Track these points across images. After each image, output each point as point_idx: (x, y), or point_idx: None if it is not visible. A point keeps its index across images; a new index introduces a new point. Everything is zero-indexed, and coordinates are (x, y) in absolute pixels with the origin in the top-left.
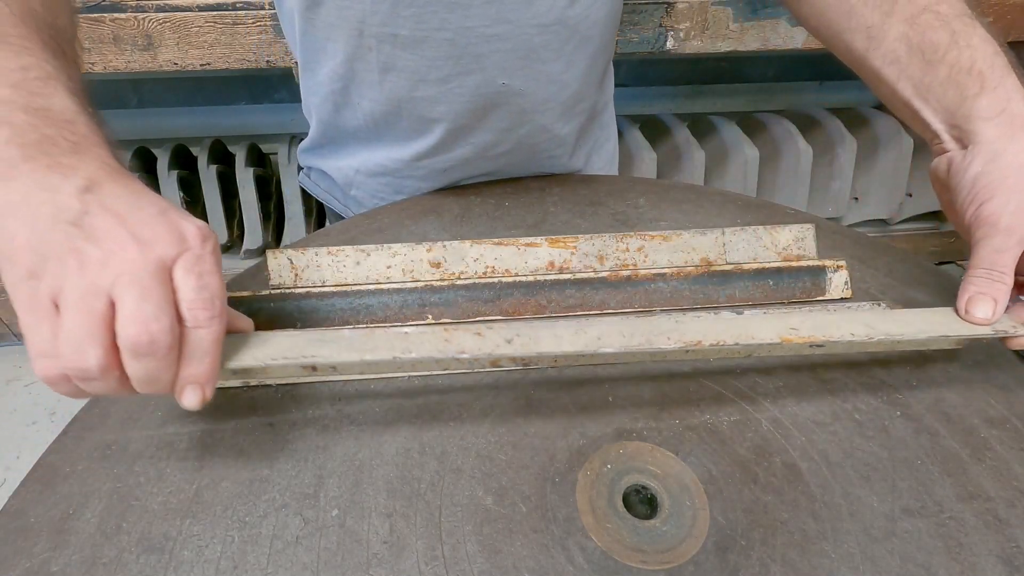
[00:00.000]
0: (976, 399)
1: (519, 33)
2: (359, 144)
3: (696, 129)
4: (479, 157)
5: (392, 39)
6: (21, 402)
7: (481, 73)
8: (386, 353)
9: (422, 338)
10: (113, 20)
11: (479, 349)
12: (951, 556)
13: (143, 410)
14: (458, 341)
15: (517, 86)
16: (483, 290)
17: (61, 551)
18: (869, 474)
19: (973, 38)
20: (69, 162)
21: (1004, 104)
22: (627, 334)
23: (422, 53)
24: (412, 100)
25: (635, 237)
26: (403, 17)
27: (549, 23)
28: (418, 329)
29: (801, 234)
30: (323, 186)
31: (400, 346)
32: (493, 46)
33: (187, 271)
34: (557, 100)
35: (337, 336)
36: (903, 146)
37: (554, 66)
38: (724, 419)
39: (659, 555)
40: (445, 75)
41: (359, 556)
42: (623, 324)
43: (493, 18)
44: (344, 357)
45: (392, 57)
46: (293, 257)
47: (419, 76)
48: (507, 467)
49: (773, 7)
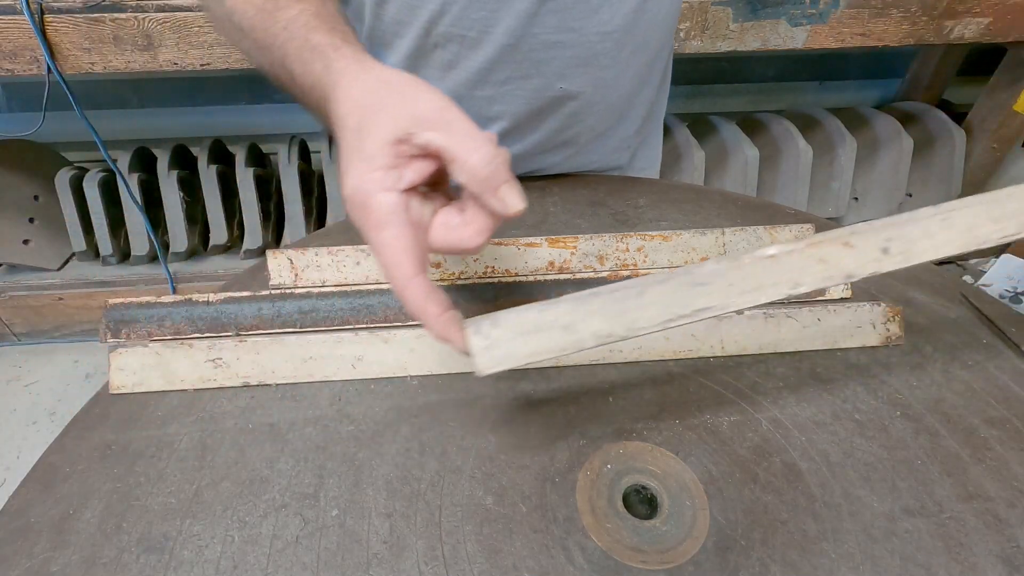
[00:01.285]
0: (976, 399)
1: (582, 40)
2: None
3: (696, 129)
4: (529, 155)
5: (459, 39)
6: (21, 402)
7: (540, 77)
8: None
9: (798, 264)
10: (113, 20)
11: (857, 267)
12: (951, 556)
13: (143, 410)
14: (835, 259)
15: (574, 90)
16: (483, 290)
17: (61, 551)
18: (869, 474)
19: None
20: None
21: None
22: (996, 218)
23: (485, 55)
24: (471, 98)
25: (635, 237)
26: (472, 20)
27: (611, 31)
28: (783, 250)
29: (801, 234)
30: None
31: (791, 278)
32: (555, 52)
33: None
34: (609, 102)
35: (711, 275)
36: (903, 146)
37: (611, 71)
38: (724, 419)
39: (659, 555)
40: (505, 77)
41: (359, 556)
42: (988, 207)
43: (557, 26)
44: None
45: (456, 56)
46: (293, 257)
47: (480, 76)
48: (507, 467)
49: (773, 7)
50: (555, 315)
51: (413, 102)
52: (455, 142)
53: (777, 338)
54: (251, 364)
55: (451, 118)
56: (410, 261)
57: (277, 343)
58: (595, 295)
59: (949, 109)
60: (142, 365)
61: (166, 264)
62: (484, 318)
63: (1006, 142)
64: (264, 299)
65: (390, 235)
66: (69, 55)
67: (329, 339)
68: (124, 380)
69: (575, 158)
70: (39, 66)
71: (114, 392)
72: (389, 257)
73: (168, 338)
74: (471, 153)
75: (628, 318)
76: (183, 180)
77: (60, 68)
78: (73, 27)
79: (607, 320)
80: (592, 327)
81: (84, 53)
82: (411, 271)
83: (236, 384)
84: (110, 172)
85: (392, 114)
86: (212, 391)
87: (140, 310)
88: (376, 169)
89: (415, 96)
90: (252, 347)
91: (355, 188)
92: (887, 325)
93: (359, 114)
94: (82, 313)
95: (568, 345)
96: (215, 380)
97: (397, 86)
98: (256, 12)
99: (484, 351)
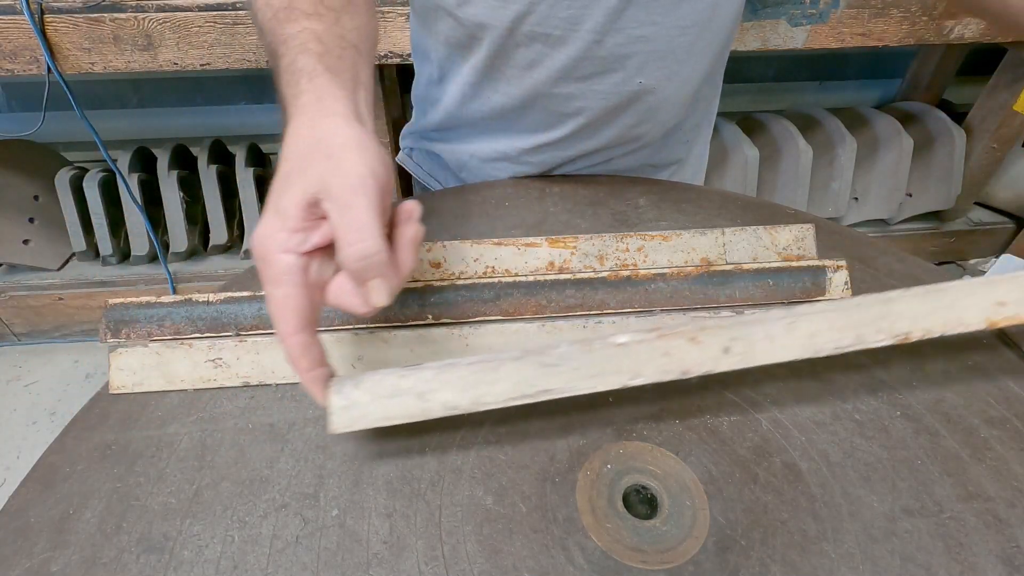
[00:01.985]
0: (976, 399)
1: (663, 34)
2: (479, 133)
3: None
4: (601, 150)
5: (543, 38)
6: (21, 402)
7: (622, 72)
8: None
9: (643, 355)
10: (113, 20)
11: (700, 365)
12: (951, 556)
13: (143, 410)
14: (679, 354)
15: (651, 84)
16: (483, 290)
17: (61, 551)
18: (869, 474)
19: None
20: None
21: None
22: (839, 327)
23: (569, 53)
24: (550, 96)
25: (635, 237)
26: (559, 18)
27: (689, 25)
28: (633, 339)
29: (801, 234)
30: (426, 167)
31: (629, 369)
32: (637, 47)
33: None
34: (681, 97)
35: (561, 357)
36: (903, 146)
37: (686, 65)
38: (724, 419)
39: (659, 555)
40: (588, 73)
41: (359, 556)
42: (834, 316)
43: (642, 20)
44: (580, 387)
45: (540, 55)
46: None
47: (563, 74)
48: (507, 467)
49: (773, 7)
50: (413, 382)
51: (333, 170)
52: (343, 226)
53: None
54: (251, 364)
55: (355, 202)
56: (294, 320)
57: (277, 343)
58: (454, 366)
59: (949, 109)
60: (142, 365)
61: (166, 264)
62: (349, 379)
63: (1006, 142)
64: (264, 299)
65: (281, 294)
66: (69, 55)
67: (329, 339)
68: (124, 380)
69: (640, 152)
70: (39, 66)
71: (114, 392)
72: (276, 312)
73: (168, 338)
74: (351, 245)
75: (477, 392)
76: (183, 180)
77: (60, 68)
78: (73, 27)
79: (457, 392)
80: (443, 397)
81: (84, 53)
82: (292, 329)
83: (236, 384)
84: (110, 172)
85: (311, 176)
86: (212, 391)
87: (140, 310)
88: (284, 229)
89: (338, 165)
90: (252, 347)
91: (260, 241)
92: None
93: (289, 164)
94: (82, 313)
95: (418, 413)
96: (215, 380)
97: (330, 148)
98: (272, 17)
99: (342, 411)
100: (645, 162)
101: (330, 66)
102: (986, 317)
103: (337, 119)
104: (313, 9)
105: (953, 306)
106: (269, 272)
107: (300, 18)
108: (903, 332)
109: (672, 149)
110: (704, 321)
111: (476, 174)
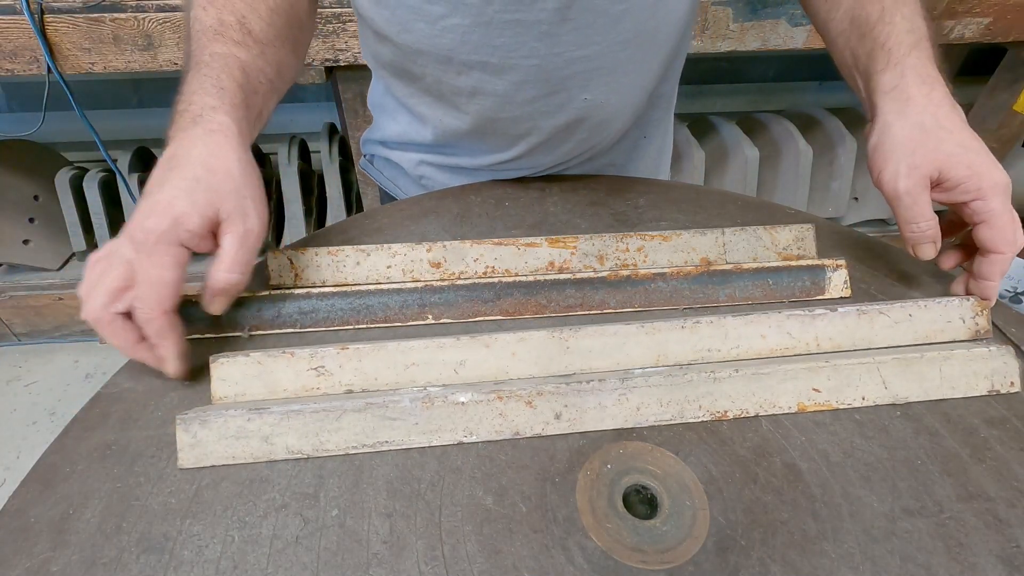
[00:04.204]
0: (976, 399)
1: (605, 52)
2: (435, 150)
3: (696, 129)
4: (559, 164)
5: (482, 66)
6: (21, 402)
7: (566, 92)
8: (450, 437)
9: (480, 414)
10: (113, 20)
11: (531, 428)
12: (951, 556)
13: (143, 410)
14: (513, 416)
15: (599, 99)
16: (483, 290)
17: (61, 551)
18: (869, 474)
19: (896, 15)
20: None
21: (898, 80)
22: (665, 403)
23: (510, 79)
24: (498, 120)
25: (635, 237)
26: (493, 47)
27: (631, 39)
28: (473, 399)
29: (801, 234)
30: (387, 174)
31: (463, 427)
32: (579, 67)
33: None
34: (633, 105)
35: (402, 412)
36: None
37: (634, 75)
38: (724, 419)
39: (659, 555)
40: (532, 97)
41: (359, 556)
42: (662, 391)
43: (580, 42)
44: (415, 440)
45: (481, 81)
46: (293, 257)
47: (506, 99)
48: (507, 467)
49: (773, 7)
50: (258, 425)
51: (246, 212)
52: (230, 256)
53: (870, 334)
54: (354, 372)
55: (248, 244)
56: (172, 300)
57: (379, 350)
58: (299, 413)
59: None
60: (244, 375)
61: None
62: (196, 417)
63: (1006, 142)
64: (264, 299)
65: (171, 276)
66: (69, 55)
67: (431, 344)
68: (226, 391)
69: (598, 158)
70: (39, 66)
71: (216, 403)
72: (162, 291)
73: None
74: (228, 272)
75: (319, 439)
76: None
77: (60, 68)
78: (73, 27)
79: (300, 438)
80: (286, 442)
81: (84, 53)
82: (172, 306)
83: (339, 392)
84: (110, 172)
85: (228, 203)
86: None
87: None
88: (186, 230)
89: (253, 209)
90: (354, 355)
91: (163, 228)
92: (976, 319)
93: (200, 171)
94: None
95: (262, 455)
96: (319, 388)
97: (247, 189)
98: (201, 31)
99: (188, 448)
100: (605, 162)
101: (248, 100)
102: (798, 402)
103: (248, 160)
104: (241, 38)
105: (772, 390)
106: (159, 257)
107: (227, 43)
108: (721, 410)
109: (631, 146)
110: (542, 385)
111: (436, 184)
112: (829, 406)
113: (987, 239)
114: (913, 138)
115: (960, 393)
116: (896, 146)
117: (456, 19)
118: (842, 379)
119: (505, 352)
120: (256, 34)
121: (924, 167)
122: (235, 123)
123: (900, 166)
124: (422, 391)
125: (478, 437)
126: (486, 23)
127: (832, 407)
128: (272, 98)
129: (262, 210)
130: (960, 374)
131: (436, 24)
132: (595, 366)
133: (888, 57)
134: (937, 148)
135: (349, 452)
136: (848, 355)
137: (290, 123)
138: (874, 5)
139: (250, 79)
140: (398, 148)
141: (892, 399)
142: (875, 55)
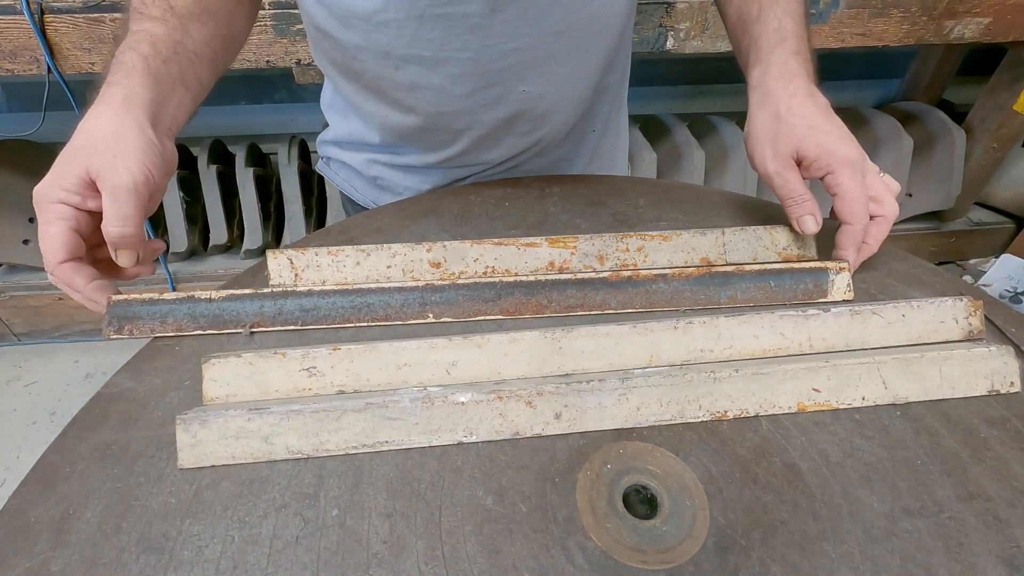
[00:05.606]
0: (976, 399)
1: (537, 43)
2: (384, 148)
3: (696, 129)
4: (506, 159)
5: (417, 60)
6: (21, 402)
7: (502, 85)
8: (450, 437)
9: (480, 415)
10: (113, 20)
11: (531, 428)
12: (951, 556)
13: (143, 410)
14: (513, 416)
15: (537, 91)
16: (484, 289)
17: (61, 551)
18: (869, 474)
19: (770, 14)
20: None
21: (761, 76)
22: (665, 403)
23: (446, 72)
24: (438, 115)
25: (635, 237)
26: (426, 40)
27: (563, 30)
28: (473, 399)
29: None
30: (343, 175)
31: (463, 428)
32: (512, 59)
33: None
34: (575, 97)
35: (403, 412)
36: (903, 146)
37: (571, 67)
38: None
39: (659, 555)
40: (469, 90)
41: (359, 556)
42: (662, 391)
43: (511, 34)
44: (415, 440)
45: (418, 76)
46: (293, 257)
47: (444, 93)
48: (507, 467)
49: None
50: (259, 425)
51: (115, 167)
52: (110, 212)
53: (864, 335)
54: (346, 372)
55: (123, 198)
56: (63, 252)
57: (371, 350)
58: (299, 413)
59: (949, 109)
60: (236, 376)
61: (166, 264)
62: (196, 417)
63: (1006, 142)
64: (266, 296)
65: (53, 230)
66: (69, 55)
67: (423, 345)
68: (218, 391)
69: (548, 153)
70: (39, 66)
71: (207, 403)
72: (47, 246)
73: (171, 334)
74: (113, 227)
75: (319, 439)
76: (183, 180)
77: (60, 68)
78: (73, 27)
79: (300, 438)
80: (287, 442)
81: (84, 53)
82: (60, 259)
83: (331, 393)
84: None
85: (98, 163)
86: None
87: (143, 307)
88: (62, 189)
89: (122, 164)
90: (346, 355)
91: (42, 192)
92: (969, 320)
93: (82, 140)
94: (82, 313)
95: (263, 455)
96: (310, 389)
97: (119, 147)
98: (131, 10)
99: (188, 448)
100: (557, 158)
101: (152, 68)
102: (798, 402)
103: (131, 122)
104: (160, 14)
105: (772, 390)
106: (45, 215)
107: (145, 20)
108: (721, 410)
109: (582, 141)
110: (542, 385)
111: (390, 184)
112: (829, 406)
113: (839, 211)
114: (772, 126)
115: (960, 393)
116: (760, 134)
117: (390, 13)
118: (842, 379)
119: (497, 352)
120: (177, 8)
121: (784, 149)
122: (127, 92)
123: (766, 151)
124: (422, 391)
125: (478, 437)
126: (418, 17)
127: (832, 407)
128: (202, 65)
129: (134, 165)
130: (960, 374)
131: (371, 19)
132: (588, 367)
133: (757, 54)
134: (791, 132)
135: (349, 452)
136: (848, 355)
137: (290, 123)
138: (753, 4)
139: (159, 51)
140: (351, 149)
141: (892, 399)
142: (750, 51)
